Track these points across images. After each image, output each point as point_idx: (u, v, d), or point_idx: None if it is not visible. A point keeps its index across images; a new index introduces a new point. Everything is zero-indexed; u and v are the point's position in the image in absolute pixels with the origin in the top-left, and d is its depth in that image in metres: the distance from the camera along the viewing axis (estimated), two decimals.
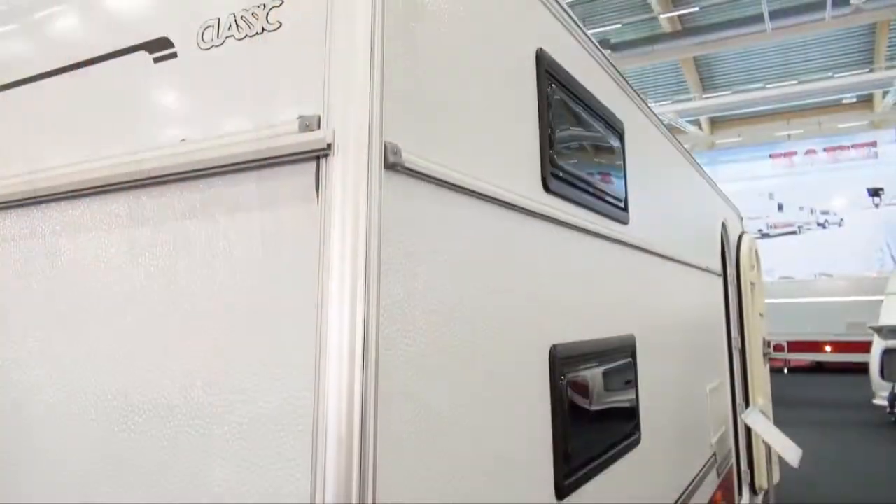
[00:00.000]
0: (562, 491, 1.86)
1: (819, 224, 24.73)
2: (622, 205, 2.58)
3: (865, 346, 12.69)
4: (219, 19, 1.42)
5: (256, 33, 1.36)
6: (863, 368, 13.27)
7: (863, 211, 20.92)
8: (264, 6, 1.36)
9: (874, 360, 11.59)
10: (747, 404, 5.25)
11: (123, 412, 1.38)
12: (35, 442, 1.49)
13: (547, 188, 1.92)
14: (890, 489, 7.40)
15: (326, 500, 1.09)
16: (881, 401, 11.31)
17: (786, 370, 18.72)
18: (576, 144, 2.20)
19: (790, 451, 4.01)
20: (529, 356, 1.78)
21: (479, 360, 1.51)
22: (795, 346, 17.79)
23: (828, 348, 17.57)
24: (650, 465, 2.74)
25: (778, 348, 17.28)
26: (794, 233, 24.93)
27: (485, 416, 1.51)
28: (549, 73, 2.00)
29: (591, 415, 2.13)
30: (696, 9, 18.90)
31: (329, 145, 1.17)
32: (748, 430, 5.32)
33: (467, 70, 1.58)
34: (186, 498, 1.26)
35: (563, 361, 1.94)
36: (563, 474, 1.87)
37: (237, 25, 1.38)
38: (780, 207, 25.13)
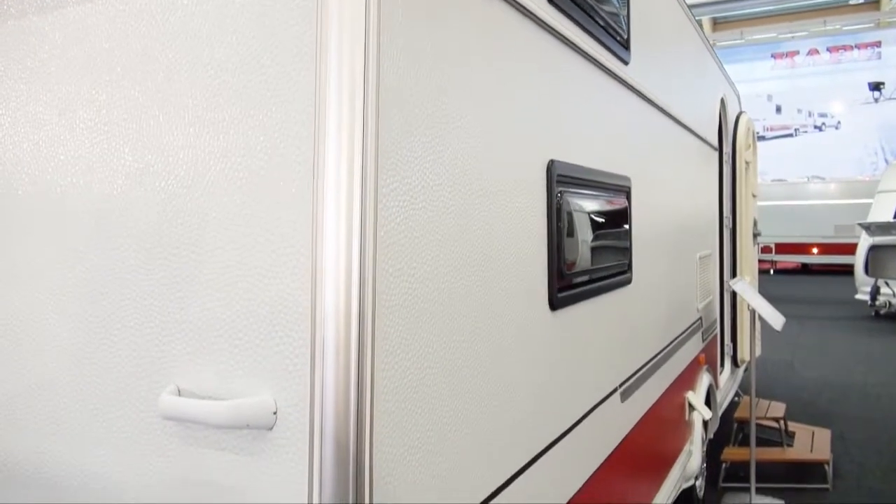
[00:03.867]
0: (555, 304, 1.92)
1: (816, 127, 24.43)
2: (624, 41, 2.51)
3: (851, 248, 12.92)
4: None
5: None
6: (848, 270, 13.55)
7: (861, 107, 20.53)
8: None
9: (860, 256, 11.84)
10: None
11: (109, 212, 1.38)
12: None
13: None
14: (864, 371, 7.72)
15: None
16: (863, 295, 11.64)
17: (772, 271, 19.09)
18: None
19: (774, 317, 4.12)
20: (527, 167, 1.78)
21: (477, 165, 1.50)
22: (783, 248, 18.07)
23: (815, 250, 17.87)
24: (640, 306, 2.81)
25: (765, 250, 17.53)
26: (790, 135, 24.68)
27: (483, 230, 1.52)
28: None
29: (585, 237, 2.15)
30: None
31: None
32: (733, 306, 5.46)
33: None
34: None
35: (560, 179, 1.94)
36: (556, 288, 1.92)
37: None
38: (779, 109, 24.75)
